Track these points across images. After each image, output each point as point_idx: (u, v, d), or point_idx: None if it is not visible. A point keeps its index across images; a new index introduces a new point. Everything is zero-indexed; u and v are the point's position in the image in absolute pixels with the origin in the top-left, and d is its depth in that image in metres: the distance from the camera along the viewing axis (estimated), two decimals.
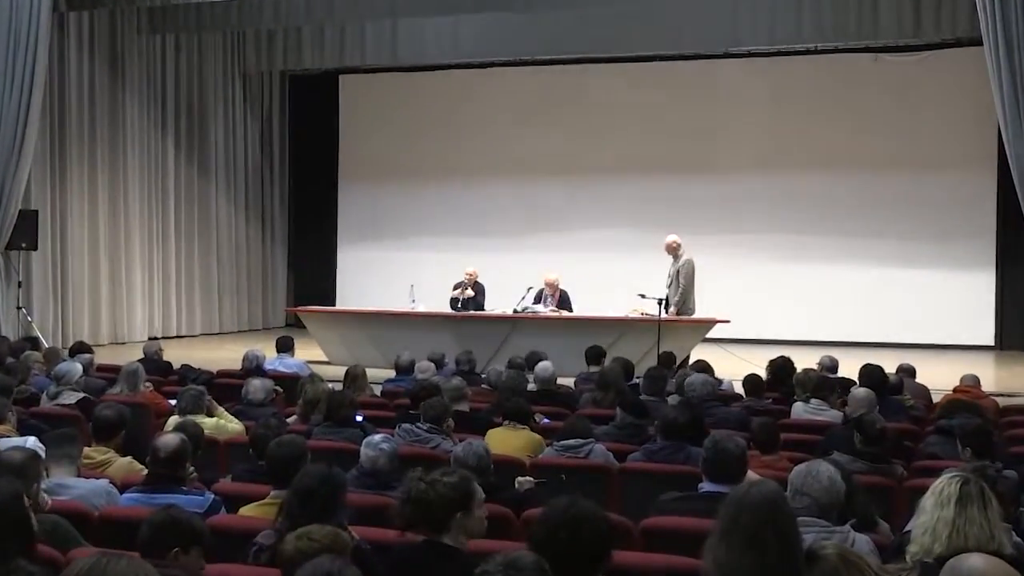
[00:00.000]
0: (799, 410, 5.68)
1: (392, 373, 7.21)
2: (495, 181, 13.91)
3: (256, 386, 5.64)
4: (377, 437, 3.90)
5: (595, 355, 7.31)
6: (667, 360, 7.45)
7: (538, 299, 9.99)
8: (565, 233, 13.50)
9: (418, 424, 4.76)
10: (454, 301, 10.15)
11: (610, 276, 12.54)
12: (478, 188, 13.98)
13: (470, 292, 10.05)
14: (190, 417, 4.84)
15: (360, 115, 14.65)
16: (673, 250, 9.47)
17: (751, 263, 12.81)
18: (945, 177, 12.36)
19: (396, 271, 13.38)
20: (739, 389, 6.79)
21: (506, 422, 4.93)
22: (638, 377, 6.88)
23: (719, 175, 13.01)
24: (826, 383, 5.78)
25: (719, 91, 13.02)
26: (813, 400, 5.68)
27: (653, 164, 13.19)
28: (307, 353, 9.72)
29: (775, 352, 7.16)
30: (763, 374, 6.48)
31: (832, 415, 5.52)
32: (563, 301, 9.89)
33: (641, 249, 12.33)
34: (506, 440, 4.77)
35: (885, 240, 12.56)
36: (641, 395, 5.86)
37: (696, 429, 4.49)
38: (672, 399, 5.79)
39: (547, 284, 9.98)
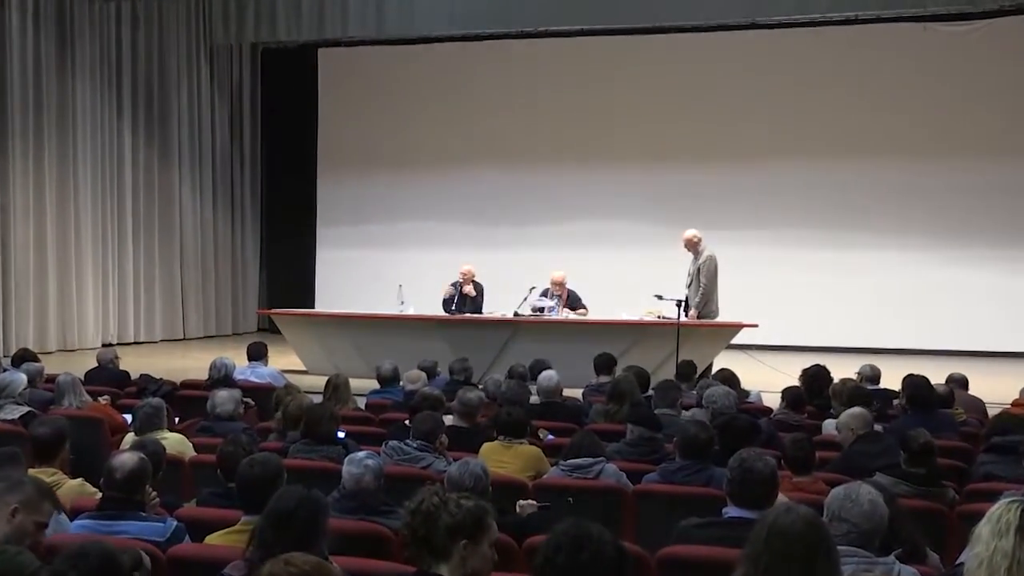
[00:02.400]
0: (830, 426, 5.67)
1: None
2: (494, 168, 13.93)
3: (224, 398, 5.61)
4: (361, 454, 3.90)
5: (606, 363, 7.30)
6: (687, 369, 7.44)
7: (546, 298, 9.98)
8: (572, 226, 13.52)
9: (407, 441, 4.75)
10: (448, 303, 10.15)
11: (623, 275, 12.56)
12: (475, 176, 14.01)
13: (470, 290, 10.03)
14: (150, 434, 4.82)
15: (342, 94, 14.66)
16: (693, 246, 9.46)
17: (781, 260, 12.83)
18: (1002, 165, 12.37)
19: (383, 269, 13.39)
20: (768, 402, 6.81)
21: (500, 437, 4.93)
22: (654, 388, 6.89)
23: (745, 162, 13.03)
24: (859, 394, 5.74)
25: (744, 67, 13.02)
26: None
27: (671, 149, 13.21)
28: (282, 361, 9.72)
29: (809, 360, 7.15)
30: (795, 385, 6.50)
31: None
32: (572, 302, 9.90)
33: (657, 244, 12.36)
34: (499, 457, 4.79)
35: (933, 235, 12.58)
36: (655, 409, 5.85)
37: (727, 445, 4.50)
38: (694, 413, 5.79)
39: (553, 283, 9.97)
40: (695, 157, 13.14)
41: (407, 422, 5.31)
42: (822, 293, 12.72)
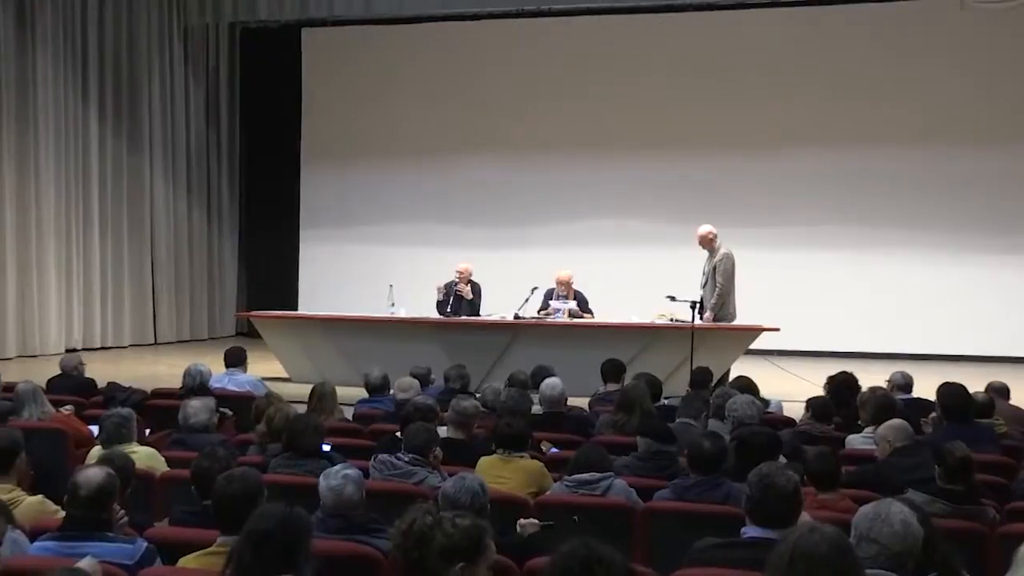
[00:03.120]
0: (857, 440, 5.72)
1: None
2: (492, 159, 13.94)
3: (199, 408, 5.60)
4: (336, 467, 3.89)
5: (614, 370, 7.31)
6: (702, 376, 7.40)
7: (550, 299, 9.98)
8: (577, 222, 13.55)
9: (398, 455, 4.74)
10: (442, 304, 10.14)
11: (632, 274, 12.58)
12: (472, 167, 14.02)
13: (467, 291, 10.04)
14: (118, 447, 4.81)
15: (328, 79, 14.66)
16: (708, 243, 9.45)
17: (803, 258, 12.86)
18: None
19: (371, 268, 13.39)
20: (791, 412, 6.83)
21: (499, 450, 4.93)
22: (666, 398, 6.89)
23: (764, 152, 13.06)
24: (886, 404, 5.75)
25: (764, 48, 13.03)
26: (869, 427, 5.67)
27: (684, 139, 13.24)
28: (263, 368, 9.71)
29: (834, 367, 7.15)
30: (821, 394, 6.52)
31: None
32: (579, 304, 9.89)
33: (670, 242, 12.36)
34: (498, 472, 4.79)
35: (968, 231, 12.58)
36: (678, 419, 5.85)
37: (745, 461, 4.48)
38: (711, 424, 5.80)
39: (559, 283, 9.98)
40: (711, 147, 13.16)
41: (398, 434, 5.29)
42: (848, 294, 12.73)
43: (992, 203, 12.51)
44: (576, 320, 9.73)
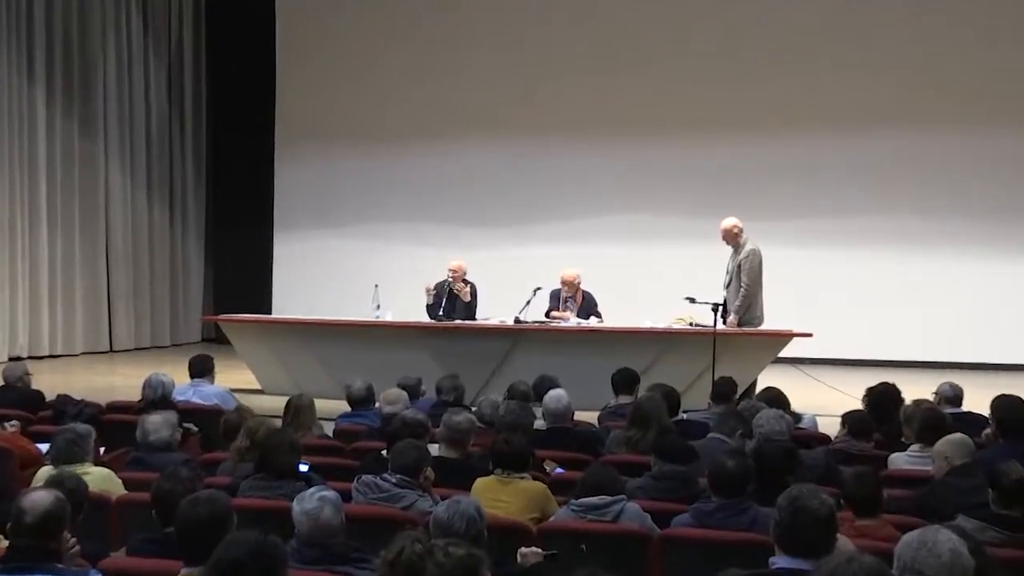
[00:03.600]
0: (900, 459, 5.74)
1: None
2: (490, 145, 13.94)
3: (160, 424, 5.60)
4: (310, 490, 3.91)
5: (626, 381, 7.31)
6: (725, 387, 7.42)
7: (556, 302, 9.99)
8: (585, 215, 13.53)
9: (384, 476, 4.75)
10: (434, 307, 10.14)
11: (646, 273, 12.55)
12: (467, 154, 14.02)
13: (463, 292, 10.03)
14: (69, 468, 4.80)
15: (305, 53, 14.66)
16: (732, 237, 9.45)
17: (839, 255, 12.86)
18: None
19: (354, 267, 13.39)
20: (825, 428, 6.82)
21: (498, 470, 4.94)
22: (686, 411, 6.89)
23: (792, 135, 13.04)
24: (934, 420, 5.75)
25: (793, 19, 13.03)
26: (915, 445, 5.69)
27: (704, 122, 13.20)
28: (232, 378, 9.70)
29: (872, 377, 7.14)
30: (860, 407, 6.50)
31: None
32: (587, 306, 9.89)
33: (688, 237, 12.36)
34: (496, 495, 4.80)
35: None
36: (711, 435, 5.85)
37: (767, 480, 4.47)
38: (735, 441, 5.77)
39: (564, 283, 9.97)
40: (734, 132, 13.12)
41: (384, 452, 5.31)
42: (889, 295, 12.72)
43: None
44: (584, 325, 9.72)
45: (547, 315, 9.93)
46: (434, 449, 5.32)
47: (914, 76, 12.70)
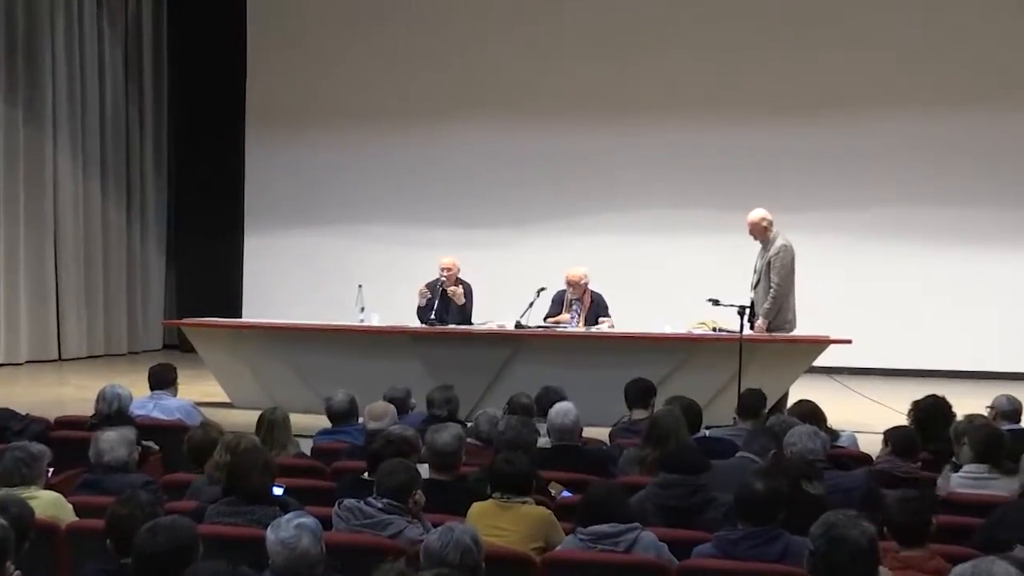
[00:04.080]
0: (953, 481, 5.72)
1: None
2: (485, 130, 13.95)
3: (116, 441, 5.57)
4: (286, 516, 3.91)
5: (641, 393, 7.31)
6: (753, 400, 7.38)
7: (559, 306, 9.96)
8: (593, 207, 13.54)
9: (369, 499, 4.73)
10: (425, 310, 10.14)
11: (664, 273, 12.53)
12: (460, 140, 14.02)
13: (457, 293, 10.01)
14: (13, 491, 4.77)
15: (279, 27, 14.67)
16: (761, 232, 9.43)
17: (881, 252, 12.84)
18: None
19: (335, 266, 13.41)
20: (866, 447, 6.81)
21: (495, 494, 4.93)
22: (708, 428, 6.88)
23: (824, 117, 13.01)
24: (991, 437, 5.73)
25: None
26: (968, 465, 5.67)
27: (728, 102, 13.20)
28: (197, 390, 9.72)
29: (917, 389, 7.12)
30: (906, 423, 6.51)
31: (1003, 486, 5.50)
32: (596, 309, 9.88)
33: (711, 231, 12.36)
34: (495, 522, 4.79)
35: None
36: (741, 454, 5.84)
37: (800, 507, 4.45)
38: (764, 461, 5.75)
39: (570, 284, 9.96)
40: (759, 114, 13.13)
41: (367, 474, 5.29)
42: (936, 296, 12.74)
43: None
44: (593, 331, 9.70)
45: (545, 321, 9.91)
46: (424, 470, 5.28)
47: (961, 52, 12.71)
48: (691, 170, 13.32)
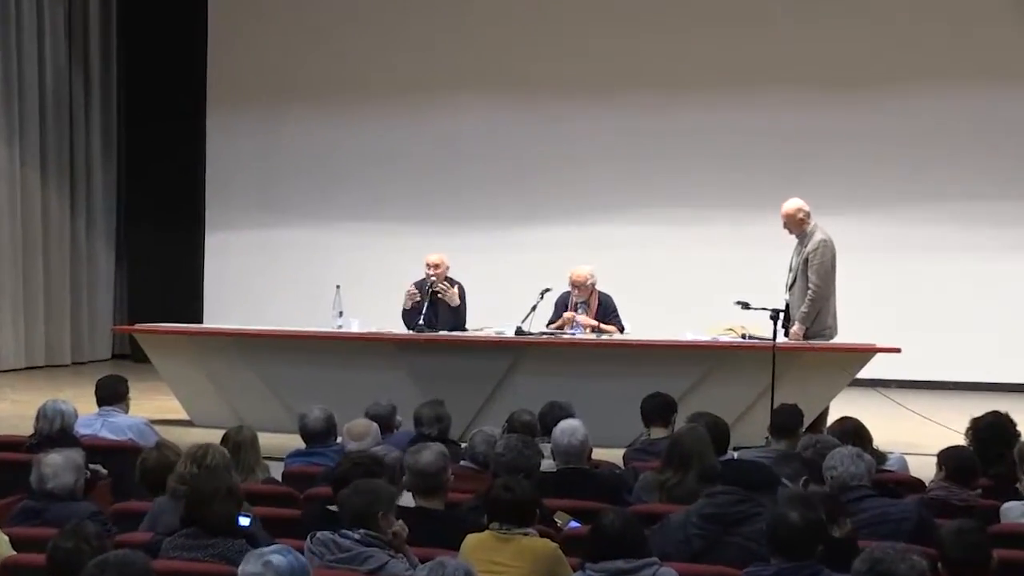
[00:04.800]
0: (1013, 510, 5.68)
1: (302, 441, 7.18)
2: (480, 108, 13.95)
3: (59, 465, 5.56)
4: (262, 550, 3.92)
5: (660, 410, 7.28)
6: (788, 418, 7.38)
7: (564, 309, 9.95)
8: (604, 200, 13.53)
9: (345, 532, 4.72)
10: (412, 313, 10.13)
11: (685, 272, 12.52)
12: (451, 121, 14.02)
13: (451, 294, 10.00)
14: None
15: None
16: (797, 224, 9.43)
17: (935, 250, 12.84)
18: None
19: (309, 264, 13.44)
20: (917, 471, 6.80)
21: (492, 524, 4.93)
22: (736, 449, 6.87)
23: (874, 93, 13.02)
24: None
25: None
26: None
27: (757, 78, 13.20)
28: (152, 406, 9.76)
29: (979, 405, 7.10)
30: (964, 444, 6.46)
31: None
32: (605, 312, 9.89)
33: (738, 224, 12.36)
34: (492, 556, 4.78)
35: None
36: (781, 483, 5.78)
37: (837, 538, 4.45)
38: (800, 486, 5.73)
39: (575, 285, 9.97)
40: (797, 91, 13.13)
41: (331, 507, 5.23)
42: (995, 301, 12.74)
43: None
44: (603, 338, 9.70)
45: (548, 327, 9.93)
46: (409, 498, 5.29)
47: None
48: (718, 154, 13.33)
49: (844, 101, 13.09)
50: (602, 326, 9.82)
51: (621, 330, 9.91)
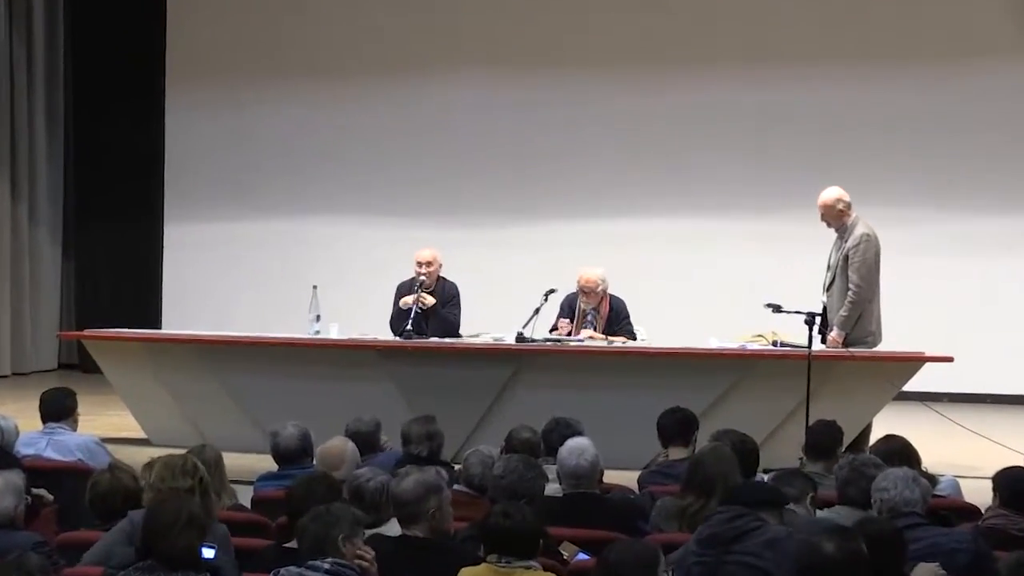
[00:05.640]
0: None
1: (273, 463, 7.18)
2: (478, 88, 13.99)
3: None
4: None
5: (680, 427, 7.30)
6: (826, 436, 7.37)
7: (567, 312, 9.98)
8: (616, 191, 13.57)
9: (311, 564, 4.74)
10: (400, 317, 10.15)
11: (708, 272, 12.54)
12: (444, 102, 14.06)
13: (429, 299, 10.03)
14: None
15: None
16: (836, 216, 9.45)
17: (985, 249, 12.89)
18: None
19: (281, 263, 13.47)
20: (971, 496, 6.79)
21: (490, 556, 4.94)
22: (766, 471, 6.85)
23: (918, 68, 13.07)
24: None
25: None
26: None
27: (785, 55, 13.25)
28: (103, 423, 9.81)
29: None
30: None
31: None
32: (616, 318, 9.93)
33: (769, 219, 12.37)
34: None
35: None
36: (818, 511, 5.84)
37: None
38: (838, 512, 5.76)
39: (583, 290, 10.01)
40: (836, 67, 13.18)
41: (289, 544, 5.24)
42: None
43: None
44: (617, 346, 9.72)
45: (552, 332, 9.96)
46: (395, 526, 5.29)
47: None
48: (741, 140, 13.37)
49: (892, 81, 13.11)
50: (610, 339, 9.83)
51: (631, 339, 9.91)
